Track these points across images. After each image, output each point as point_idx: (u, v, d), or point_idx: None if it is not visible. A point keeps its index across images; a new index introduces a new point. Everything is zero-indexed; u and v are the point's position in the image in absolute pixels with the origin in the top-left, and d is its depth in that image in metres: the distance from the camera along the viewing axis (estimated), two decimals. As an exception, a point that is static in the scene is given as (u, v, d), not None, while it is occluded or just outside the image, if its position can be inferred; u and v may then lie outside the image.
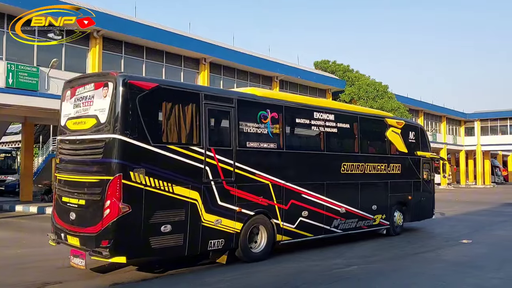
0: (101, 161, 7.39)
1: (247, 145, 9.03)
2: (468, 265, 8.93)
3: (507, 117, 49.36)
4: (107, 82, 7.53)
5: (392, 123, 12.82)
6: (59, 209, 8.20)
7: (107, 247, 7.04)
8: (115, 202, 7.09)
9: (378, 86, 32.28)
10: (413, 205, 13.32)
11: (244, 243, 8.79)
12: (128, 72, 20.28)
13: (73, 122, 8.11)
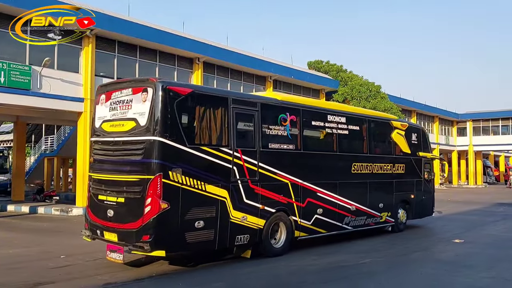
0: (142, 161, 7.91)
1: (269, 146, 9.63)
2: (460, 265, 8.99)
3: (499, 118, 49.70)
4: (146, 87, 8.03)
5: (396, 125, 13.56)
6: (94, 206, 8.65)
7: (148, 242, 7.52)
8: (155, 199, 7.59)
9: (371, 86, 32.35)
10: (415, 203, 14.00)
11: (267, 238, 9.34)
12: (120, 71, 20.54)
13: (110, 124, 8.58)
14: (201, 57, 23.57)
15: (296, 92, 30.79)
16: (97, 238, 8.63)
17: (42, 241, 11.87)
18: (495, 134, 50.10)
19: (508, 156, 66.90)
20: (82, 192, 18.71)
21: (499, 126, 50.02)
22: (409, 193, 13.80)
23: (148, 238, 7.55)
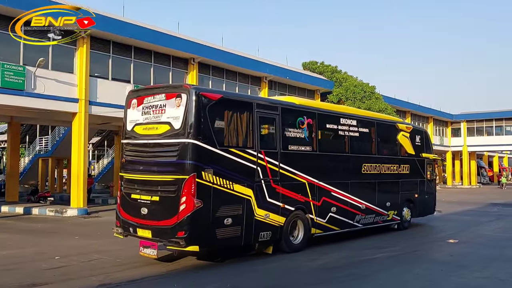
0: (177, 162, 8.41)
1: (288, 148, 10.20)
2: (455, 264, 9.03)
3: (493, 118, 49.96)
4: (180, 93, 8.59)
5: (402, 127, 14.32)
6: (127, 205, 9.15)
7: (183, 238, 8.02)
8: (190, 198, 8.11)
9: (365, 87, 32.44)
10: (419, 202, 14.68)
11: (286, 235, 9.91)
12: (115, 71, 20.48)
13: (143, 127, 9.12)
14: (196, 57, 23.52)
15: (291, 92, 30.78)
16: (129, 235, 9.13)
17: (36, 242, 11.82)
18: (489, 134, 50.35)
19: (502, 156, 67.30)
20: (76, 193, 18.66)
21: (493, 126, 50.28)
22: (413, 192, 14.48)
23: (183, 234, 8.03)
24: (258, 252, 9.80)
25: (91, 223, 16.21)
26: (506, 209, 21.40)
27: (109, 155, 40.18)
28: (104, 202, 25.58)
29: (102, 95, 19.59)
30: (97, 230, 14.20)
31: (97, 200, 25.93)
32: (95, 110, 19.35)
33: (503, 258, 9.76)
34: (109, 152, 40.01)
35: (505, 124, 49.71)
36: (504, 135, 49.39)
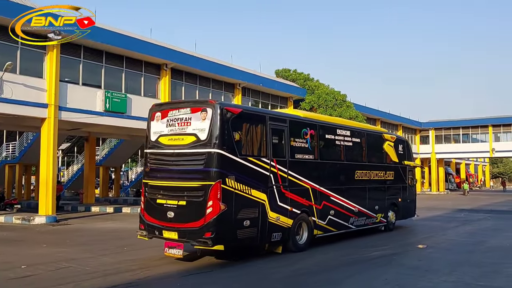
0: (203, 170, 9.28)
1: (295, 156, 11.22)
2: (423, 269, 9.21)
3: (459, 126, 51.35)
4: (206, 108, 9.49)
5: (387, 137, 15.66)
6: (152, 209, 9.90)
7: (210, 238, 8.86)
8: (216, 202, 8.97)
9: (337, 95, 32.88)
10: (402, 206, 15.96)
11: (293, 236, 10.84)
12: (86, 76, 20.18)
13: (168, 138, 9.93)
14: (169, 63, 23.41)
15: (264, 99, 30.95)
16: (154, 237, 9.86)
17: (1, 251, 11.47)
18: (456, 142, 51.71)
19: (468, 163, 69.13)
20: (45, 200, 18.24)
21: (460, 134, 51.67)
22: (397, 196, 15.75)
23: (210, 235, 8.88)
24: (268, 251, 10.59)
25: (60, 231, 15.87)
26: (472, 215, 21.97)
27: (79, 162, 39.47)
28: (74, 209, 25.09)
29: (72, 100, 19.27)
30: (66, 238, 13.92)
31: (66, 207, 25.42)
32: (65, 115, 19.00)
33: (469, 262, 10.01)
34: (79, 158, 39.30)
35: (472, 132, 51.17)
36: (470, 143, 50.83)
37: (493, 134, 49.57)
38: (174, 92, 24.41)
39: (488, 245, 12.63)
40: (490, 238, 14.07)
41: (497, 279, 8.42)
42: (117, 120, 21.13)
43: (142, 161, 41.98)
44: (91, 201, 28.72)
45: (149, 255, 10.69)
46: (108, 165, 37.57)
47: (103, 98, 20.25)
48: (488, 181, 74.44)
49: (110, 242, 13.09)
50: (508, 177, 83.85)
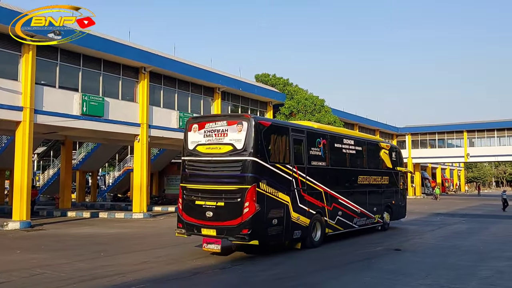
0: (240, 175, 10.60)
1: (311, 163, 12.69)
2: (399, 273, 9.32)
3: (435, 132, 52.33)
4: (242, 121, 10.85)
5: (383, 146, 17.51)
6: (190, 210, 11.17)
7: (247, 234, 10.20)
8: (252, 203, 10.29)
9: (315, 100, 33.06)
10: (395, 208, 17.69)
11: (310, 234, 12.30)
12: (63, 79, 19.85)
13: (206, 147, 11.21)
14: (147, 66, 23.23)
15: (244, 104, 30.96)
16: (193, 234, 11.15)
17: (-27, 258, 11.17)
18: (432, 147, 52.65)
19: (444, 168, 70.32)
20: (19, 205, 17.86)
21: (436, 139, 52.63)
22: (391, 199, 17.42)
23: (247, 232, 10.20)
24: (288, 247, 12.00)
25: (35, 237, 15.55)
26: (447, 219, 22.34)
27: (55, 166, 38.77)
28: (49, 214, 24.63)
29: (48, 103, 18.94)
30: (41, 244, 13.65)
31: (41, 212, 24.94)
32: (41, 119, 18.66)
33: (444, 265, 10.17)
34: (55, 162, 38.62)
35: (447, 137, 52.18)
36: (446, 148, 51.83)
37: (468, 140, 50.65)
38: (153, 95, 24.22)
39: (463, 248, 12.86)
40: (465, 241, 14.33)
41: (471, 281, 8.57)
42: (94, 123, 20.84)
43: (120, 165, 41.57)
44: (67, 206, 28.27)
45: (126, 260, 10.57)
46: (85, 169, 37.04)
47: (80, 102, 19.96)
48: (463, 186, 75.86)
49: (86, 247, 12.88)
50: (482, 181, 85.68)
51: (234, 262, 10.44)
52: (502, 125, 48.60)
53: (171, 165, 40.91)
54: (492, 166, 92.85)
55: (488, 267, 9.99)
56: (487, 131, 49.74)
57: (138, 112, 22.98)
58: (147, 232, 17.17)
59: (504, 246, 13.43)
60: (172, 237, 15.05)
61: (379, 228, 16.67)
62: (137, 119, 22.89)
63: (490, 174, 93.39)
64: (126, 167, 39.61)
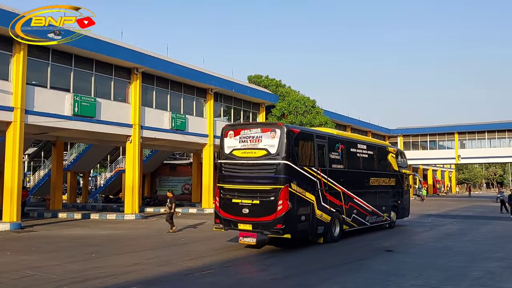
0: (274, 176, 11.93)
1: (332, 166, 14.13)
2: (391, 273, 9.35)
3: (427, 133, 52.63)
4: (275, 129, 12.25)
5: (391, 150, 19.18)
6: (227, 207, 12.40)
7: (281, 229, 11.53)
8: (285, 201, 11.59)
9: (306, 102, 33.06)
10: (400, 207, 19.11)
11: (330, 230, 13.68)
12: (54, 79, 19.70)
13: (241, 152, 12.51)
14: (140, 67, 23.15)
15: (237, 105, 30.95)
16: (230, 229, 12.47)
17: (-37, 259, 11.05)
18: (423, 149, 52.91)
19: (435, 170, 70.72)
20: (9, 206, 17.72)
21: (427, 141, 52.92)
22: (397, 199, 18.84)
23: (281, 226, 11.52)
24: (310, 242, 13.29)
25: (25, 238, 15.43)
26: (438, 220, 22.46)
27: (46, 167, 38.52)
28: (40, 215, 24.46)
29: (39, 104, 18.81)
30: (32, 245, 13.53)
31: (32, 214, 24.77)
32: (32, 119, 18.53)
33: (435, 266, 10.23)
34: (46, 163, 38.37)
35: (439, 139, 52.49)
36: (437, 149, 52.14)
37: (459, 141, 51.00)
38: (145, 96, 24.15)
39: (454, 249, 12.94)
40: (456, 242, 14.41)
41: (462, 282, 8.61)
42: (86, 124, 20.73)
43: (112, 166, 41.38)
44: (58, 207, 28.10)
45: (118, 262, 10.52)
46: (76, 170, 36.83)
47: (72, 102, 19.85)
48: (454, 187, 76.34)
49: (77, 249, 12.79)
50: (473, 183, 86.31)
51: (224, 264, 10.42)
52: (493, 127, 49.02)
53: (163, 166, 40.88)
54: (482, 167, 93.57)
55: (479, 267, 10.05)
56: (478, 133, 50.13)
57: (130, 113, 22.89)
58: (139, 233, 17.10)
59: (494, 247, 13.52)
60: (163, 239, 15.03)
61: (386, 226, 17.89)
62: (129, 120, 22.80)
63: (480, 176, 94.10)
64: (118, 168, 39.47)
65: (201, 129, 27.51)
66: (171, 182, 40.25)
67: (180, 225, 18.55)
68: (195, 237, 15.56)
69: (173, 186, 40.01)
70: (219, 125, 28.81)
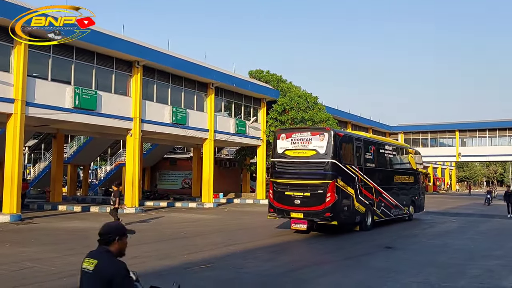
0: (323, 173, 14.15)
1: (366, 165, 16.27)
2: (391, 270, 9.36)
3: (428, 131, 52.59)
4: (323, 132, 14.51)
5: (410, 151, 21.53)
6: (281, 198, 14.59)
7: (329, 217, 13.75)
8: (333, 194, 13.81)
9: (308, 98, 32.92)
10: (417, 202, 21.00)
11: (365, 220, 15.68)
12: (55, 72, 19.65)
13: (293, 152, 14.75)
14: (141, 60, 23.07)
15: (237, 100, 30.89)
16: (283, 217, 14.90)
17: (-38, 250, 11.07)
18: (424, 146, 52.85)
19: (436, 167, 70.72)
20: (9, 198, 17.72)
21: (428, 138, 52.90)
22: (415, 195, 20.70)
23: (329, 215, 13.74)
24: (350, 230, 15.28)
25: (25, 230, 15.44)
26: (438, 217, 22.48)
27: (46, 159, 38.51)
28: (40, 207, 24.48)
29: (40, 96, 18.78)
30: (31, 237, 13.55)
31: (32, 206, 24.78)
32: (33, 111, 18.51)
33: (434, 263, 10.23)
34: (47, 155, 38.37)
35: (439, 136, 52.46)
36: (438, 147, 52.13)
37: (460, 139, 50.97)
38: (146, 90, 24.10)
39: (454, 247, 12.95)
40: (455, 240, 14.43)
41: (461, 280, 8.62)
42: (86, 117, 20.70)
43: (112, 160, 41.38)
44: (58, 199, 28.11)
45: (117, 255, 10.49)
46: (77, 163, 36.84)
47: (73, 95, 19.81)
48: (454, 185, 76.37)
49: (77, 241, 12.80)
50: (473, 181, 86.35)
51: (223, 259, 10.41)
52: (494, 125, 48.97)
53: (164, 161, 40.87)
54: (483, 166, 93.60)
55: (478, 265, 10.06)
56: (479, 131, 50.11)
57: (131, 106, 22.85)
58: (139, 227, 17.09)
59: (493, 245, 13.54)
60: (162, 232, 15.04)
61: (406, 219, 19.68)
62: (129, 113, 22.77)
63: (481, 174, 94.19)
64: (118, 162, 39.46)
65: (202, 123, 27.47)
66: (171, 176, 40.29)
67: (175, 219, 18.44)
68: (195, 231, 15.58)
69: (173, 180, 40.07)
70: (220, 120, 28.85)
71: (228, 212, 24.05)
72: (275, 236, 14.61)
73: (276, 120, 32.22)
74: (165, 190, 37.17)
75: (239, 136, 30.39)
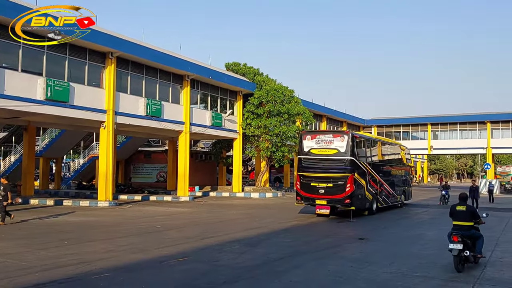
0: (344, 167, 17.30)
1: (372, 160, 19.87)
2: (364, 261, 9.50)
3: (401, 124, 53.45)
4: (344, 135, 17.87)
5: (403, 148, 25.49)
6: (307, 189, 17.69)
7: (349, 203, 16.99)
8: (351, 185, 16.93)
9: (285, 91, 32.97)
10: (407, 192, 24.69)
11: (372, 206, 18.89)
12: (26, 62, 19.17)
13: (317, 150, 17.90)
14: (115, 51, 22.70)
15: (213, 92, 30.73)
16: (309, 204, 18.17)
17: None
18: (397, 139, 53.65)
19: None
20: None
21: (401, 132, 53.78)
22: (405, 186, 24.32)
23: (349, 202, 16.98)
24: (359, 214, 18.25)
25: (-5, 225, 15.05)
26: (411, 209, 22.92)
27: (17, 152, 37.58)
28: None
29: (10, 87, 18.29)
30: (1, 232, 13.24)
31: (1, 200, 24.10)
32: (2, 103, 18.05)
33: (407, 254, 10.45)
34: (18, 148, 37.45)
35: (412, 129, 53.38)
36: (410, 140, 52.99)
37: (432, 132, 51.96)
38: (120, 82, 23.75)
39: (426, 238, 13.24)
40: (427, 231, 14.73)
41: (433, 269, 8.83)
42: (59, 109, 20.27)
43: (85, 152, 40.70)
44: (30, 193, 27.55)
45: (91, 249, 10.39)
46: (49, 156, 36.13)
47: (45, 86, 19.36)
48: (426, 177, 77.93)
49: (49, 236, 12.58)
50: (444, 173, 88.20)
51: (198, 252, 10.38)
52: (464, 119, 50.10)
53: (138, 153, 40.44)
54: (454, 158, 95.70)
55: (450, 255, 10.27)
56: (450, 124, 51.19)
57: (104, 98, 22.50)
58: (113, 220, 16.91)
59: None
60: (137, 226, 14.90)
61: (399, 206, 22.94)
62: (103, 105, 22.42)
63: (452, 167, 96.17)
64: (91, 155, 38.86)
65: (177, 116, 27.25)
66: (146, 169, 39.90)
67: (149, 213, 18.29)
68: (170, 224, 15.50)
69: (148, 173, 39.70)
70: (196, 113, 28.68)
71: (204, 205, 24.00)
72: (251, 229, 14.61)
73: (253, 113, 32.21)
74: (140, 184, 36.82)
75: (215, 129, 30.28)
